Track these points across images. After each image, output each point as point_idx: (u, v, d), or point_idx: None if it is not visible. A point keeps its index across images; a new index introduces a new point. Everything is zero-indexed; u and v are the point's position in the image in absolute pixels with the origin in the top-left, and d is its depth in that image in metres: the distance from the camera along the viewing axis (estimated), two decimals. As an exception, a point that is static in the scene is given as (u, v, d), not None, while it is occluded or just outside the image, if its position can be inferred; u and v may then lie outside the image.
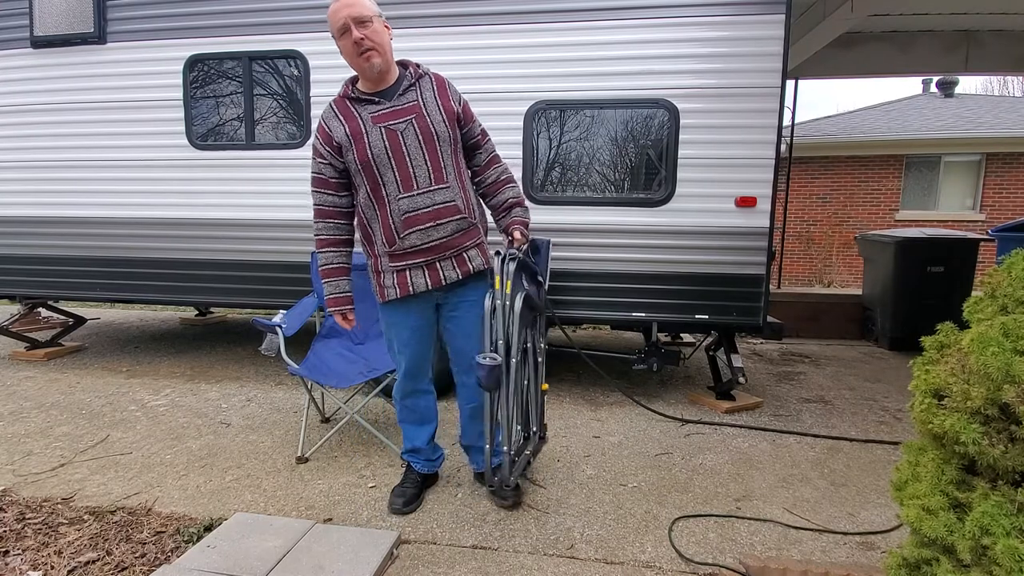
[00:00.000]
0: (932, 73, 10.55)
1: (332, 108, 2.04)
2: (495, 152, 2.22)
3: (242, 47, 3.69)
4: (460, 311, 2.14)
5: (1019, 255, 1.29)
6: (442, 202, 2.01)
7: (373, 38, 1.90)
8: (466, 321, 2.14)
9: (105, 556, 1.89)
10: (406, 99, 1.99)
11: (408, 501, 2.23)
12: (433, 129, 1.98)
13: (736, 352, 3.50)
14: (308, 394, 2.84)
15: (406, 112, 1.98)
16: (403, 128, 1.97)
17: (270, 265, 3.80)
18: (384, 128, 1.96)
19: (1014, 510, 1.07)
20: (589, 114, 3.42)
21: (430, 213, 2.00)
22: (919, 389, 1.26)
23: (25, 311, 4.58)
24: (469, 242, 2.08)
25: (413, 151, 1.97)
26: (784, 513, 2.25)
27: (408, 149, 1.97)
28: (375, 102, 1.99)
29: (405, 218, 1.99)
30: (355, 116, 1.99)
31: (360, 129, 1.97)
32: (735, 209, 3.29)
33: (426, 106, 1.99)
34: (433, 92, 2.03)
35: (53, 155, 4.01)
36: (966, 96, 13.19)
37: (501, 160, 2.22)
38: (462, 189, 2.06)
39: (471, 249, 2.09)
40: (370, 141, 1.96)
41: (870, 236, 5.55)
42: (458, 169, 2.07)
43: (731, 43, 3.21)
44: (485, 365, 1.93)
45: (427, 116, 1.98)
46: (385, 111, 1.98)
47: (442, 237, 2.02)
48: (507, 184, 2.20)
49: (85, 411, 3.29)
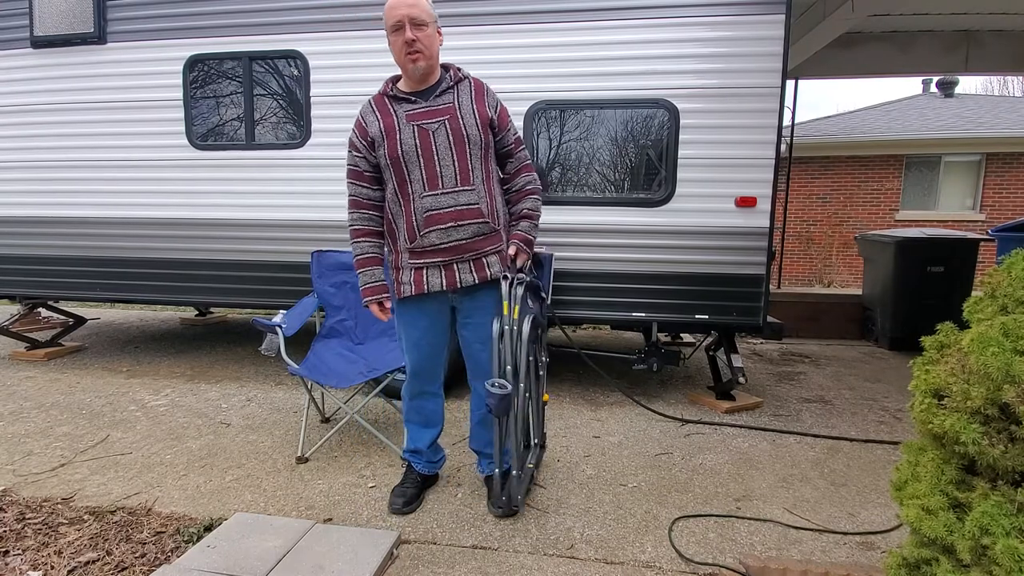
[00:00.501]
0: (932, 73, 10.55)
1: (370, 104, 2.08)
2: (527, 162, 2.21)
3: (242, 47, 3.70)
4: (475, 318, 2.14)
5: (1019, 255, 1.29)
6: (465, 204, 2.01)
7: (424, 42, 1.94)
8: (482, 328, 2.12)
9: (105, 556, 1.89)
10: (442, 100, 2.02)
11: (408, 501, 2.23)
12: (465, 132, 2.00)
13: (736, 352, 3.50)
14: (308, 394, 2.84)
15: (440, 113, 2.00)
16: (435, 128, 1.99)
17: (270, 265, 3.80)
18: (416, 126, 1.99)
19: (1014, 510, 1.07)
20: (589, 114, 3.42)
21: (451, 213, 2.00)
22: (919, 389, 1.26)
23: (25, 311, 4.58)
24: (489, 247, 2.08)
25: (442, 151, 1.99)
26: (784, 513, 2.25)
27: (437, 149, 1.99)
28: (412, 101, 2.02)
29: (427, 216, 2.00)
30: (391, 113, 2.02)
31: (394, 126, 2.00)
32: (735, 209, 3.29)
33: (461, 109, 2.01)
34: (470, 96, 2.05)
35: (53, 155, 4.01)
36: (966, 96, 13.19)
37: (532, 170, 2.22)
38: (488, 194, 2.06)
39: (491, 255, 2.08)
40: (401, 138, 1.99)
41: (870, 236, 5.55)
42: (487, 174, 2.07)
43: (731, 43, 3.21)
44: (496, 394, 1.92)
45: (460, 119, 2.00)
46: (420, 110, 2.01)
47: (462, 239, 2.02)
48: (528, 195, 2.19)
49: (85, 411, 3.29)
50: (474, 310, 2.13)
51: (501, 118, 2.11)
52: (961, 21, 5.83)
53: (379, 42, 3.48)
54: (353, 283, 3.09)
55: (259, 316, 3.07)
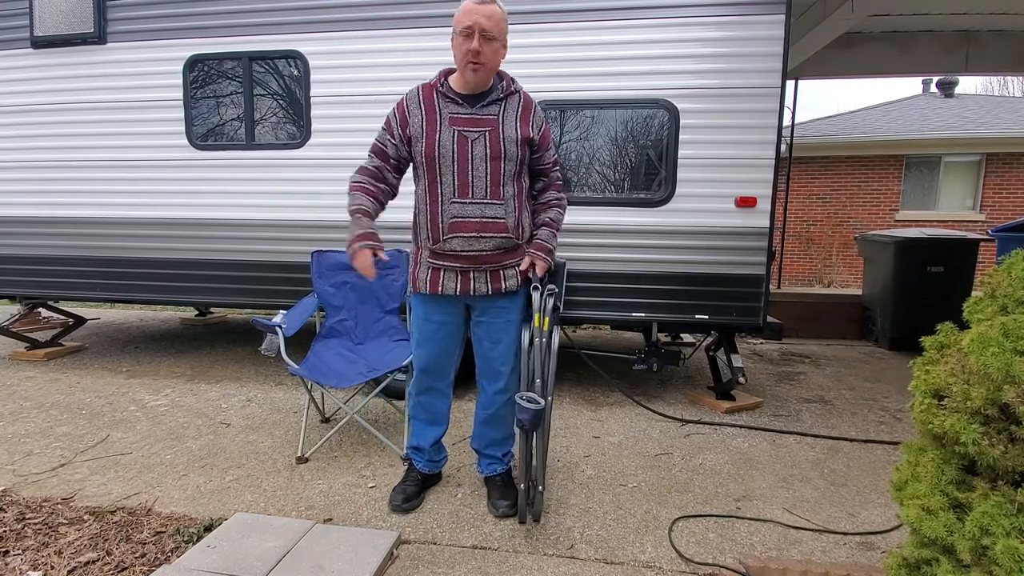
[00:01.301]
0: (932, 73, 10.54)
1: (418, 94, 2.04)
2: (559, 181, 2.23)
3: (242, 47, 3.69)
4: (488, 316, 2.15)
5: (1019, 255, 1.29)
6: (491, 216, 2.02)
7: (488, 55, 1.94)
8: (494, 327, 2.14)
9: (105, 556, 1.89)
10: (488, 111, 2.01)
11: (408, 499, 2.23)
12: (503, 147, 1.99)
13: (736, 352, 3.50)
14: (308, 394, 2.84)
15: (483, 123, 1.99)
16: (475, 137, 1.98)
17: (270, 265, 3.80)
18: (457, 131, 1.98)
19: (1014, 510, 1.07)
20: (589, 114, 3.42)
21: (477, 224, 2.00)
22: (919, 389, 1.26)
23: (25, 311, 4.58)
24: (509, 261, 2.09)
25: (477, 161, 1.98)
26: (784, 513, 2.25)
27: (473, 158, 1.98)
28: (458, 103, 2.00)
29: (452, 222, 2.00)
30: (435, 110, 2.00)
31: (435, 125, 1.99)
32: (735, 209, 3.29)
33: (504, 123, 2.00)
34: (516, 112, 2.04)
35: (53, 155, 4.01)
36: (966, 96, 13.19)
37: (561, 189, 2.24)
38: (516, 209, 2.06)
39: (509, 268, 2.10)
40: (440, 139, 1.98)
41: (870, 236, 5.55)
42: (518, 190, 2.08)
43: (731, 43, 3.21)
44: (528, 409, 1.88)
45: (501, 134, 1.99)
46: (464, 115, 1.99)
47: (483, 250, 2.03)
48: (552, 207, 2.20)
49: (85, 411, 3.29)
50: (489, 308, 2.14)
51: (543, 138, 2.10)
52: (961, 21, 5.83)
53: (379, 42, 3.53)
54: (353, 283, 3.09)
55: (259, 316, 3.07)
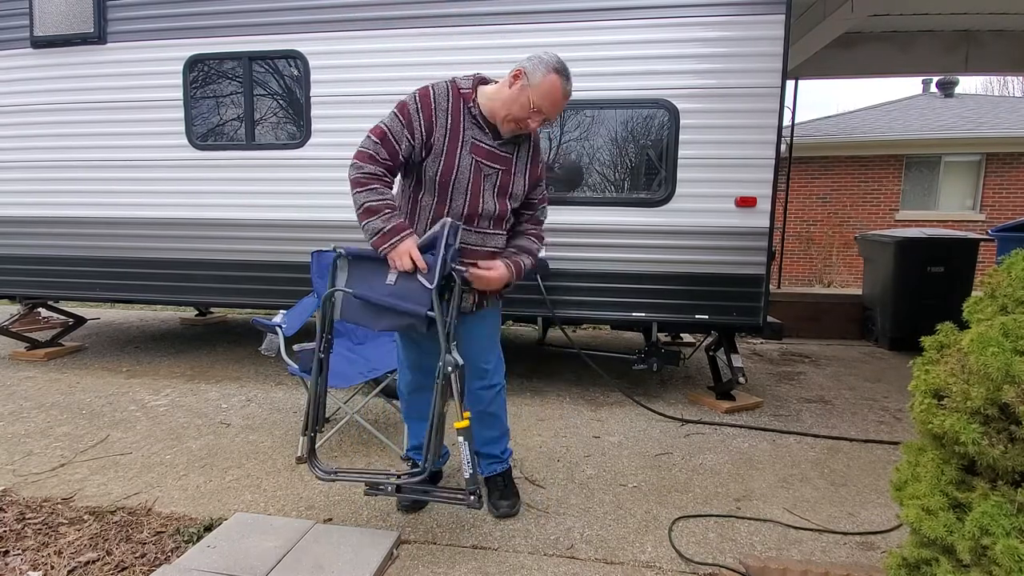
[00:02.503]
0: (932, 73, 10.56)
1: (448, 101, 1.92)
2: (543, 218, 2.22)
3: (242, 47, 3.70)
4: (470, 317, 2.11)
5: (1019, 255, 1.29)
6: (492, 247, 2.07)
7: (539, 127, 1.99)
8: (475, 328, 2.14)
9: (105, 556, 1.89)
10: (507, 149, 2.01)
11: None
12: (511, 189, 2.03)
13: (736, 352, 3.50)
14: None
15: (500, 161, 2.00)
16: (490, 173, 1.99)
17: (270, 265, 3.80)
18: (476, 160, 1.96)
19: (1014, 510, 1.07)
20: (589, 114, 3.42)
21: (481, 253, 2.03)
22: (919, 389, 1.26)
23: (25, 311, 4.59)
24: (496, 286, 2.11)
25: (487, 196, 2.00)
26: (784, 513, 2.25)
27: (484, 193, 1.99)
28: (483, 131, 1.96)
29: (461, 247, 1.97)
30: (460, 129, 1.93)
31: (457, 146, 1.93)
32: (735, 209, 3.29)
33: (516, 164, 2.04)
34: (528, 155, 2.07)
35: (53, 155, 4.01)
36: (966, 96, 13.20)
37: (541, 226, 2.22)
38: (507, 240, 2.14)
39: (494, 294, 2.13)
40: (459, 165, 1.94)
41: (870, 236, 5.55)
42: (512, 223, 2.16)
43: (731, 43, 3.21)
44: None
45: (512, 175, 2.03)
46: (485, 147, 1.97)
47: None
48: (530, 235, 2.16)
49: (85, 411, 3.29)
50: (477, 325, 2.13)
51: (541, 174, 2.14)
52: (961, 21, 5.83)
53: (379, 42, 3.53)
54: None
55: (259, 316, 3.06)
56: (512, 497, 2.23)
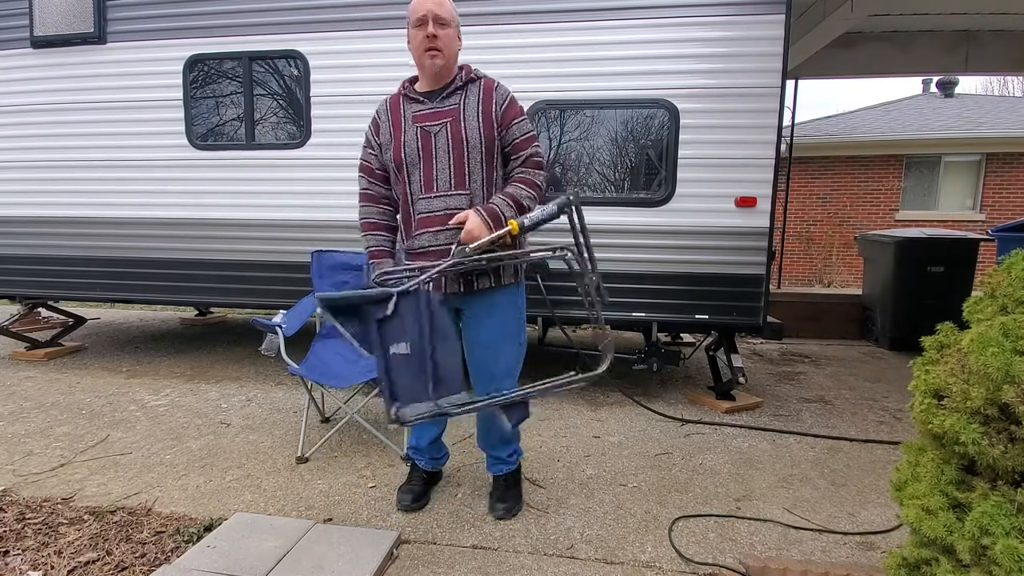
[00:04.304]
0: (932, 73, 10.56)
1: (386, 104, 2.10)
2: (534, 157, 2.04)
3: (242, 47, 3.70)
4: (476, 319, 2.07)
5: (1019, 255, 1.29)
6: (456, 207, 1.96)
7: (444, 40, 1.96)
8: (481, 329, 2.07)
9: (105, 556, 1.89)
10: (449, 102, 2.00)
11: (417, 498, 2.24)
12: (464, 135, 1.96)
13: (736, 352, 3.50)
14: (308, 394, 2.84)
15: (444, 115, 1.98)
16: (437, 131, 1.97)
17: (270, 265, 3.80)
18: (420, 128, 1.99)
19: (1014, 510, 1.07)
20: (589, 114, 3.42)
21: (441, 217, 1.96)
22: (919, 389, 1.26)
23: (25, 311, 4.58)
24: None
25: (441, 154, 1.97)
26: (784, 513, 2.25)
27: (437, 152, 1.97)
28: (420, 101, 2.02)
29: (420, 218, 2.00)
30: (400, 114, 2.04)
31: (401, 128, 2.01)
32: (735, 209, 3.29)
33: (465, 111, 1.98)
34: (478, 98, 2.01)
35: (54, 155, 4.01)
36: (966, 96, 13.19)
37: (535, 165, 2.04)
38: (485, 199, 1.98)
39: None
40: (406, 139, 1.99)
41: (870, 236, 5.55)
42: (487, 179, 2.00)
43: (731, 43, 3.21)
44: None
45: (463, 122, 1.97)
46: (425, 111, 2.01)
47: (449, 242, 1.95)
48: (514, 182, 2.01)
49: (85, 411, 3.29)
50: (479, 309, 2.05)
51: (504, 115, 2.00)
52: (961, 21, 5.83)
53: (379, 42, 3.53)
54: (353, 283, 3.09)
55: (259, 316, 3.06)
56: (510, 501, 2.20)
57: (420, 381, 1.76)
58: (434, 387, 1.77)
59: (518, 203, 1.97)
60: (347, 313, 1.76)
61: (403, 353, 1.75)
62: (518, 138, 2.03)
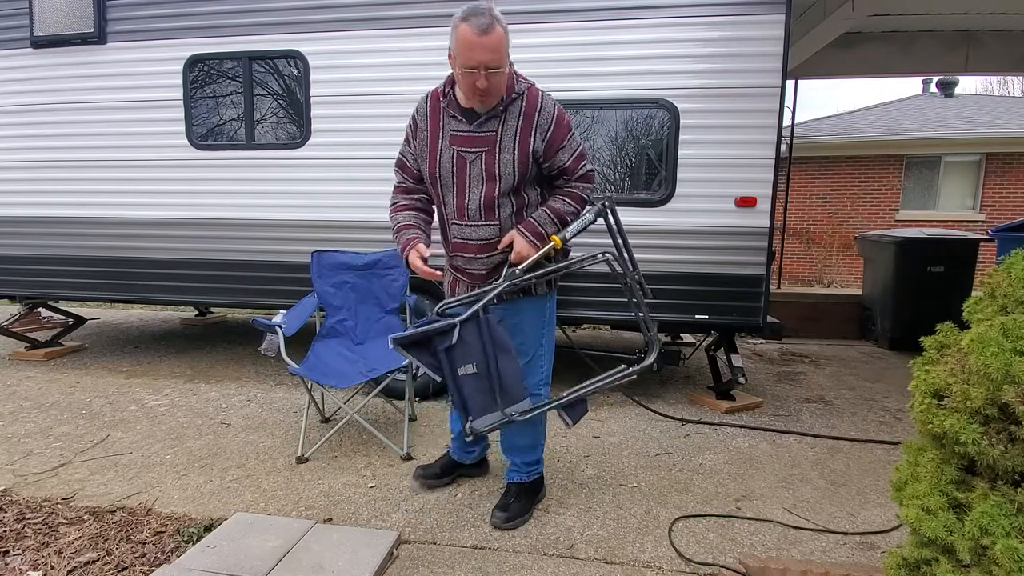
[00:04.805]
0: (932, 73, 10.56)
1: (426, 105, 2.03)
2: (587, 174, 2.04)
3: (242, 47, 3.69)
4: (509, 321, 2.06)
5: (1019, 255, 1.29)
6: (486, 238, 2.00)
7: (496, 87, 1.86)
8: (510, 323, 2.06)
9: (105, 556, 1.89)
10: (487, 128, 1.93)
11: (428, 476, 2.39)
12: (497, 170, 1.93)
13: (736, 352, 3.50)
14: (308, 394, 2.84)
15: (481, 142, 1.93)
16: (472, 159, 1.95)
17: (270, 265, 3.80)
18: (456, 152, 1.96)
19: (1013, 510, 1.07)
20: (589, 114, 3.42)
21: (475, 246, 2.01)
22: (919, 389, 1.26)
23: (25, 311, 4.58)
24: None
25: (474, 183, 1.96)
26: (784, 513, 2.25)
27: (470, 180, 1.96)
28: (460, 119, 1.95)
29: (454, 242, 2.06)
30: (439, 125, 1.99)
31: (438, 143, 1.98)
32: (735, 209, 3.29)
33: (501, 140, 1.92)
34: (517, 123, 1.93)
35: (54, 155, 4.01)
36: (966, 96, 13.19)
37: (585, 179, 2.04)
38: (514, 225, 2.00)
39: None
40: (441, 159, 1.98)
41: (870, 236, 5.55)
42: (518, 206, 2.01)
43: (731, 43, 3.21)
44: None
45: (496, 155, 1.92)
46: (463, 134, 1.95)
47: (483, 268, 2.05)
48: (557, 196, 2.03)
49: (85, 411, 3.29)
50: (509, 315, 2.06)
51: (552, 141, 1.95)
52: (961, 21, 5.83)
53: (379, 42, 3.53)
54: (353, 283, 3.09)
55: (259, 316, 3.07)
56: (510, 511, 2.13)
57: (488, 395, 1.94)
58: (501, 399, 1.95)
59: (561, 218, 2.01)
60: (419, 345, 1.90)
61: (471, 373, 1.92)
62: (567, 162, 2.00)
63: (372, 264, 3.10)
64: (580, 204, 2.05)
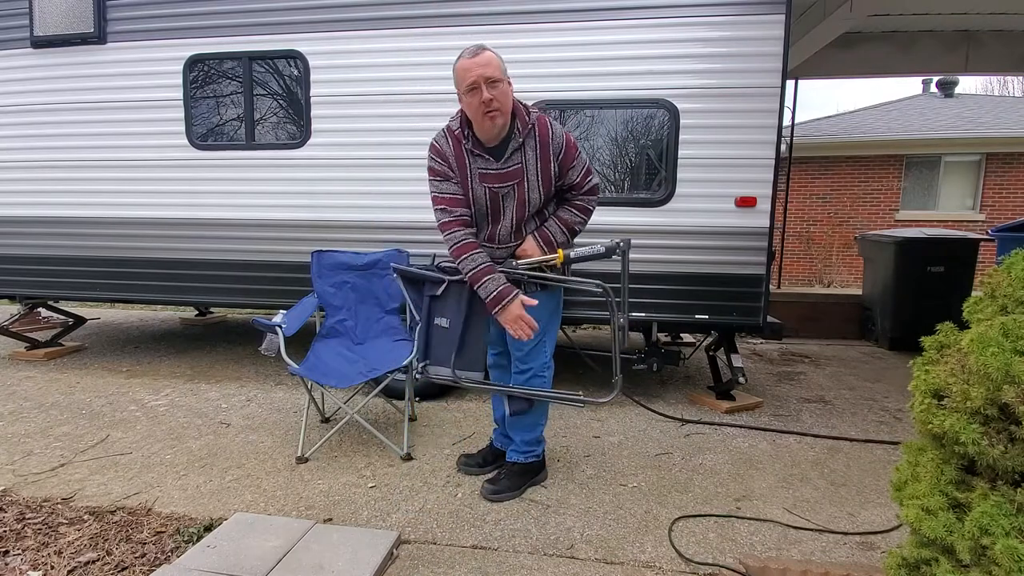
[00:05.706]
0: (932, 73, 10.55)
1: (448, 143, 2.10)
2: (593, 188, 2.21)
3: (242, 47, 3.69)
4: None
5: (1019, 255, 1.29)
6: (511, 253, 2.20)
7: (500, 99, 1.97)
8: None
9: (105, 556, 1.89)
10: (512, 162, 2.08)
11: (470, 464, 2.53)
12: (528, 197, 2.11)
13: (736, 352, 3.50)
14: (308, 394, 2.84)
15: (510, 177, 2.09)
16: (505, 193, 2.11)
17: (270, 265, 3.80)
18: (489, 189, 2.11)
19: (1013, 510, 1.07)
20: (589, 114, 3.42)
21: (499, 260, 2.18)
22: (919, 389, 1.26)
23: (25, 311, 4.58)
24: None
25: (507, 213, 2.13)
26: (784, 513, 2.25)
27: (504, 212, 2.14)
28: (485, 158, 2.09)
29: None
30: (466, 165, 2.10)
31: (468, 180, 2.11)
32: (735, 209, 3.29)
33: (527, 171, 2.09)
34: (536, 153, 2.09)
35: (54, 155, 4.01)
36: (966, 96, 13.19)
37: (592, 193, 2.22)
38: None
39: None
40: (475, 196, 2.12)
41: (870, 236, 5.55)
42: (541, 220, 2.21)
43: (731, 43, 3.21)
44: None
45: (526, 184, 2.10)
46: (492, 172, 2.09)
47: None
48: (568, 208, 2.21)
49: (85, 411, 3.29)
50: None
51: (563, 164, 2.12)
52: (961, 21, 5.83)
53: (379, 42, 3.53)
54: (353, 283, 3.09)
55: (259, 316, 3.07)
56: (498, 485, 2.32)
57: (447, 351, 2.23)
58: (456, 359, 2.23)
59: (571, 229, 2.22)
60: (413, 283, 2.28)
61: (443, 326, 2.22)
62: (576, 179, 2.18)
63: (372, 264, 3.10)
64: (586, 215, 2.24)
